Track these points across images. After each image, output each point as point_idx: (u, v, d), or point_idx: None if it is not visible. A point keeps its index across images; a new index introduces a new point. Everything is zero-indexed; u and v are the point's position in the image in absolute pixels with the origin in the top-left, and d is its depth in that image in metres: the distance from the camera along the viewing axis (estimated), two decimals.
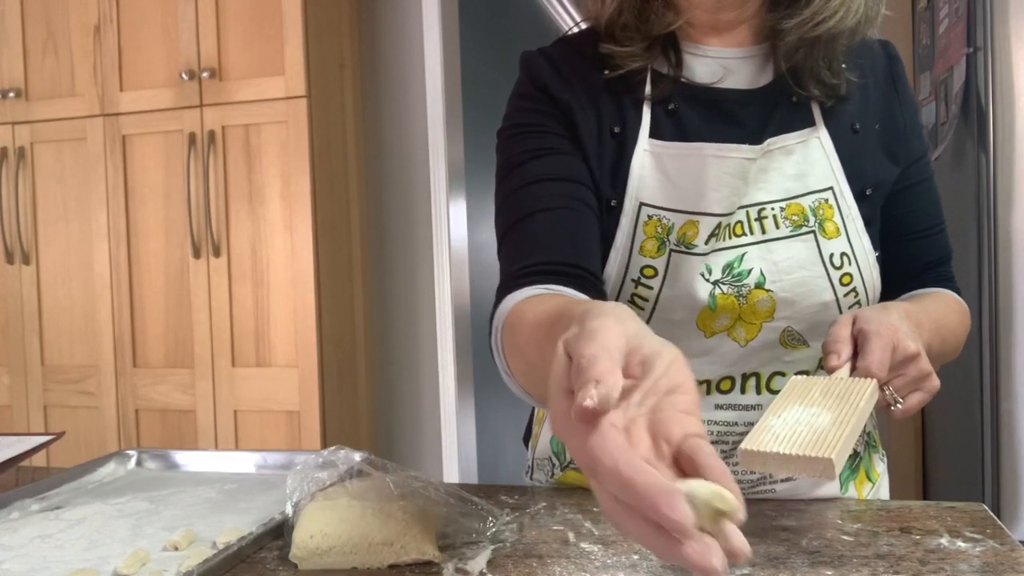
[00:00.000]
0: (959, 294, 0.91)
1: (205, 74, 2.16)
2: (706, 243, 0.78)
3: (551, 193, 0.79)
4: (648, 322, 0.79)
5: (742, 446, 0.61)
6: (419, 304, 2.53)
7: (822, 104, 0.81)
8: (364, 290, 2.45)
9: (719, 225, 0.78)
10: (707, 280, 0.78)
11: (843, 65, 0.81)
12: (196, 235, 2.19)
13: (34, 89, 2.32)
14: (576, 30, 0.89)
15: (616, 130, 0.81)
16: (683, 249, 0.78)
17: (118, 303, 2.27)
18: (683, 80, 0.81)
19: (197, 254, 2.20)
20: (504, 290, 0.76)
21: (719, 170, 0.78)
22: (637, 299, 0.80)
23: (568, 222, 0.78)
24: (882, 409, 0.70)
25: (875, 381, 0.66)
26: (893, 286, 0.88)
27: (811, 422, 0.62)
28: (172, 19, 2.20)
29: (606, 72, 0.82)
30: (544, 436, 0.94)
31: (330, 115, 2.28)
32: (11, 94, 2.30)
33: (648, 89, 0.81)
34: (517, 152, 0.82)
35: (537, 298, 0.69)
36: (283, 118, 2.14)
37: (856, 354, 0.69)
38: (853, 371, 0.69)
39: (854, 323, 0.70)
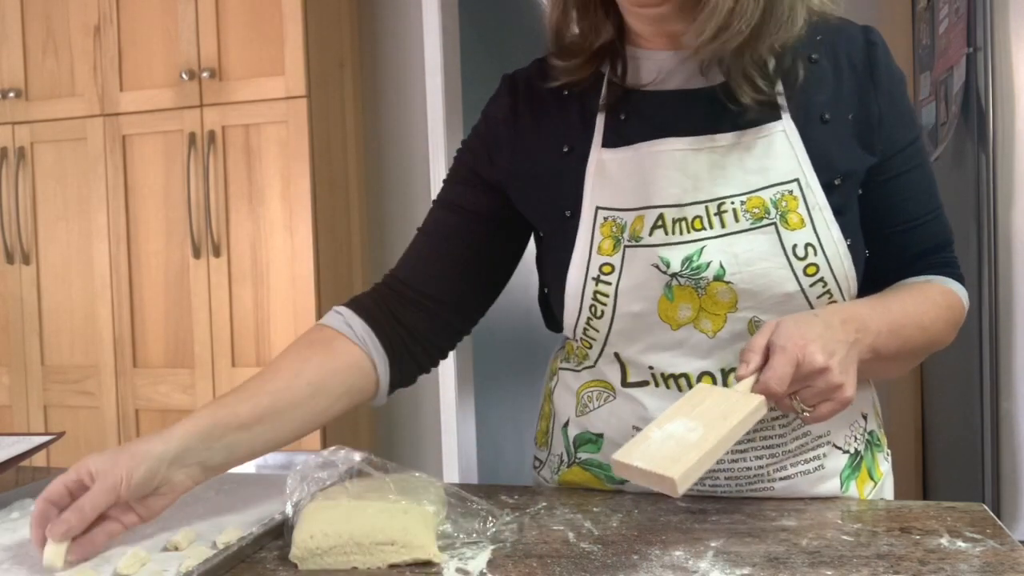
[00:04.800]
0: (961, 279, 0.90)
1: (205, 74, 2.16)
2: (651, 234, 0.80)
3: (436, 218, 0.94)
4: (612, 319, 0.83)
5: (614, 456, 0.66)
6: None
7: (788, 96, 0.81)
8: (364, 290, 2.44)
9: (661, 216, 0.80)
10: (664, 272, 0.80)
11: (762, 78, 0.80)
12: (196, 235, 2.19)
13: (34, 89, 2.32)
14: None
15: (564, 149, 0.86)
16: (633, 243, 0.81)
17: (118, 303, 2.27)
18: (629, 86, 0.85)
19: (197, 254, 2.20)
20: (380, 285, 0.95)
21: (654, 164, 0.81)
22: (599, 295, 0.83)
23: (432, 248, 0.93)
24: (796, 415, 0.73)
25: (762, 399, 0.69)
26: (886, 276, 0.88)
27: (684, 436, 0.65)
28: (172, 19, 2.20)
29: (563, 89, 0.87)
30: (557, 431, 0.95)
31: (330, 115, 2.28)
32: (11, 94, 2.30)
33: (603, 96, 0.86)
34: (450, 170, 0.96)
35: (310, 338, 0.90)
36: (283, 118, 2.14)
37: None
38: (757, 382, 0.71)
39: (773, 332, 0.73)
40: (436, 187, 2.53)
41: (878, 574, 0.64)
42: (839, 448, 0.86)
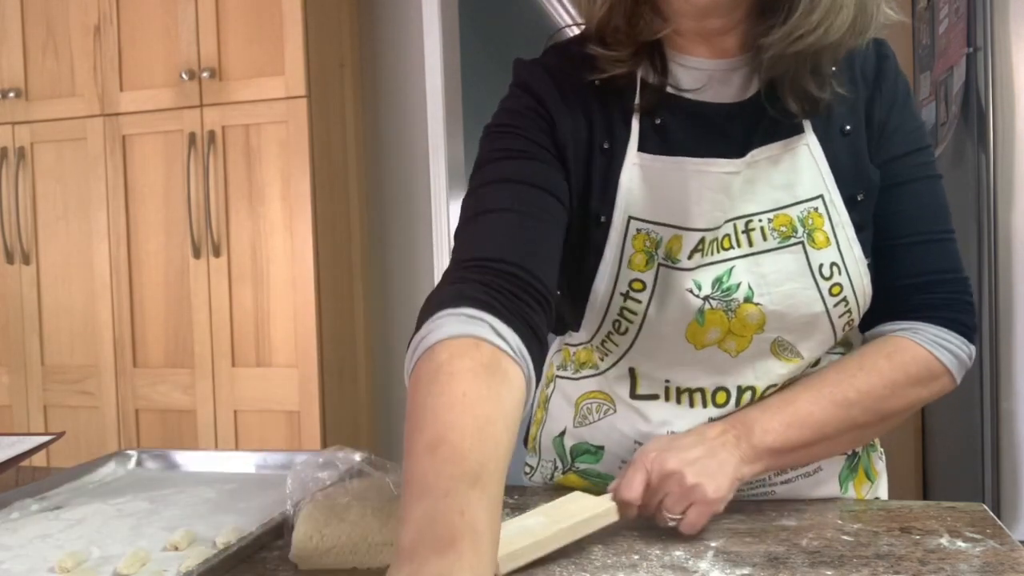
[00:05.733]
0: (964, 326, 0.81)
1: (205, 74, 2.16)
2: (689, 258, 0.78)
3: (514, 195, 0.77)
4: (636, 337, 0.80)
5: None
6: (419, 304, 2.51)
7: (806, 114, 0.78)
8: (364, 290, 2.45)
9: (702, 240, 0.77)
10: (696, 296, 0.77)
11: (832, 77, 0.78)
12: (196, 235, 2.19)
13: (34, 89, 2.31)
14: (565, 36, 0.88)
15: (605, 146, 0.80)
16: (669, 263, 0.78)
17: (118, 303, 2.27)
18: (669, 90, 0.80)
19: (197, 254, 2.20)
20: (448, 279, 0.74)
21: (700, 185, 0.77)
22: (626, 312, 0.80)
23: (522, 225, 0.75)
24: (668, 525, 0.74)
25: (612, 504, 0.73)
26: (882, 313, 0.83)
27: (529, 528, 0.70)
28: (172, 19, 2.20)
29: (595, 80, 0.80)
30: (546, 438, 0.94)
31: (330, 115, 2.27)
32: (11, 94, 2.30)
33: (637, 99, 0.80)
34: (493, 148, 0.81)
35: (454, 365, 0.65)
36: (283, 118, 2.14)
37: None
38: None
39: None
40: (436, 187, 2.54)
41: (878, 574, 0.64)
42: None
